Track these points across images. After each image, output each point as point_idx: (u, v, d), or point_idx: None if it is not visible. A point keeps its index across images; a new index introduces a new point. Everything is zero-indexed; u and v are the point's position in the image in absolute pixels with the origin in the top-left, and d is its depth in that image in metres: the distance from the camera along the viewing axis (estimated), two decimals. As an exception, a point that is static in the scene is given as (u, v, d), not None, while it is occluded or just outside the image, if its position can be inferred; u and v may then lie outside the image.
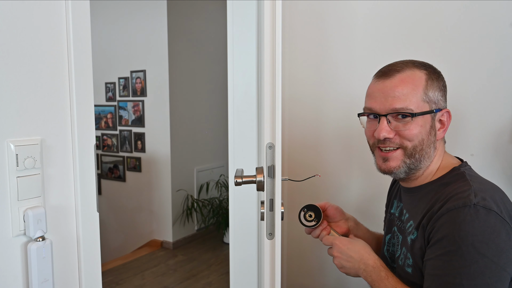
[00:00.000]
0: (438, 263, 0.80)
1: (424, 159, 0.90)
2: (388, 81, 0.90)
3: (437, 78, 0.91)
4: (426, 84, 0.89)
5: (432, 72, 0.91)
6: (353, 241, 0.99)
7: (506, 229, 0.76)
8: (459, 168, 0.89)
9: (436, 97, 0.90)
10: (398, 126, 0.89)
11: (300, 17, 1.64)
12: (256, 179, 0.95)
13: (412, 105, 0.88)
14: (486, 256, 0.75)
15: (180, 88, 3.92)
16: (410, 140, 0.89)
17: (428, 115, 0.89)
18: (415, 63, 0.92)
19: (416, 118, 0.88)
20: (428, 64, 0.94)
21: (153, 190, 4.04)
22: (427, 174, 0.93)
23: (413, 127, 0.88)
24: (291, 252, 1.75)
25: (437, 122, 0.91)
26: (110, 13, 4.08)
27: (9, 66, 0.76)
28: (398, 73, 0.90)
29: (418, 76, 0.89)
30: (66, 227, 0.86)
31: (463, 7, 1.32)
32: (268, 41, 0.87)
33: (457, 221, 0.78)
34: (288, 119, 1.68)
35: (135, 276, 3.35)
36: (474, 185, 0.82)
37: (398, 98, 0.88)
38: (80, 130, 0.86)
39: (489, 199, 0.78)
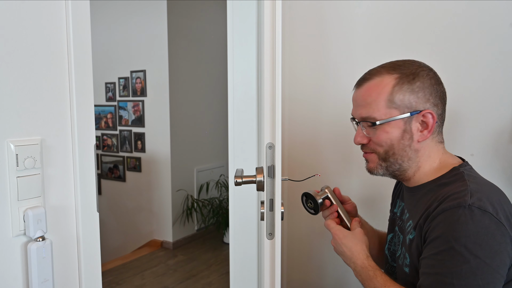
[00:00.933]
0: (431, 262, 0.81)
1: (402, 161, 0.91)
2: (358, 90, 0.95)
3: (412, 80, 0.88)
4: (392, 90, 0.89)
5: (406, 74, 0.89)
6: (350, 235, 0.99)
7: (501, 231, 0.76)
8: (459, 168, 0.89)
9: (407, 100, 0.88)
10: (369, 132, 0.93)
11: (300, 17, 1.64)
12: (256, 179, 0.95)
13: (375, 113, 0.90)
14: (478, 257, 0.75)
15: (180, 88, 3.92)
16: (380, 146, 0.92)
17: (399, 120, 0.89)
18: (390, 68, 0.92)
19: (381, 125, 0.90)
20: (408, 64, 0.92)
21: (153, 190, 4.04)
22: (424, 174, 0.93)
23: (379, 134, 0.91)
24: (291, 252, 1.75)
25: (417, 124, 0.89)
26: (110, 13, 4.08)
27: (9, 66, 0.76)
28: (366, 81, 0.93)
29: (385, 82, 0.90)
30: (66, 227, 0.86)
31: (463, 7, 1.32)
32: (268, 41, 0.87)
33: (451, 221, 0.78)
34: (288, 119, 1.68)
35: (135, 276, 3.35)
36: (471, 185, 0.82)
37: (363, 106, 0.93)
38: (80, 130, 0.86)
39: (485, 200, 0.78)
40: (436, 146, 0.93)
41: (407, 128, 0.90)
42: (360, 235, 1.00)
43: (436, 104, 0.90)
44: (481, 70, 1.31)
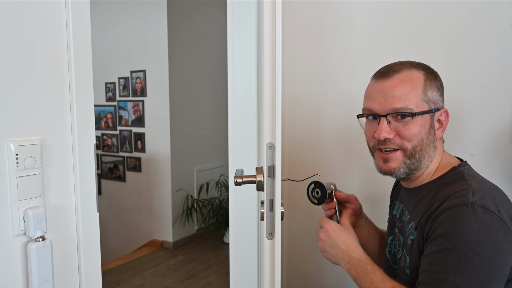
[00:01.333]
0: (433, 260, 0.80)
1: (424, 159, 0.91)
2: (387, 81, 0.90)
3: (435, 78, 0.92)
4: (425, 84, 0.89)
5: (430, 72, 0.92)
6: (343, 229, 0.98)
7: (503, 229, 0.76)
8: (458, 168, 0.89)
9: (434, 97, 0.90)
10: (398, 126, 0.89)
11: (300, 17, 1.64)
12: (256, 179, 0.95)
13: (412, 105, 0.88)
14: (481, 255, 0.75)
15: (180, 88, 3.92)
16: (410, 141, 0.89)
17: (427, 114, 0.89)
18: (412, 64, 0.93)
19: (416, 118, 0.88)
20: (425, 64, 0.95)
21: (153, 190, 4.04)
22: (426, 174, 0.93)
23: (413, 127, 0.88)
24: (291, 252, 1.75)
25: (436, 121, 0.92)
26: (110, 13, 4.08)
27: (9, 66, 0.76)
28: (396, 73, 0.90)
29: (417, 76, 0.90)
30: (66, 227, 0.86)
31: (463, 7, 1.32)
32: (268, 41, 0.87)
33: (454, 219, 0.78)
34: (288, 119, 1.68)
35: (135, 276, 3.35)
36: (472, 184, 0.82)
37: (397, 98, 0.88)
38: (80, 130, 0.86)
39: (487, 198, 0.78)
40: (441, 145, 0.95)
41: (432, 124, 0.91)
42: (352, 230, 1.00)
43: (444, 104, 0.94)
44: (481, 70, 1.31)
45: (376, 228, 1.18)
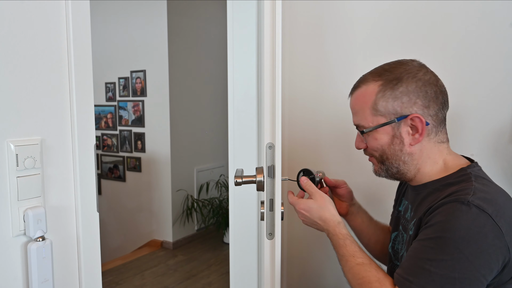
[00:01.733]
0: (417, 246, 0.82)
1: (398, 165, 0.92)
2: (351, 98, 0.98)
3: (394, 86, 0.88)
4: (375, 98, 0.90)
5: (390, 80, 0.89)
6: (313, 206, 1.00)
7: (495, 233, 0.75)
8: (466, 169, 0.88)
9: (391, 107, 0.89)
10: (362, 139, 0.96)
11: (300, 17, 1.64)
12: (256, 179, 0.95)
13: (363, 121, 0.93)
14: (462, 252, 0.75)
15: (180, 88, 3.92)
16: (374, 151, 0.95)
17: (387, 126, 0.90)
18: (376, 74, 0.92)
19: (370, 133, 0.92)
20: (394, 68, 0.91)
21: (153, 190, 4.04)
22: (426, 174, 0.92)
23: (370, 140, 0.94)
24: (291, 252, 1.75)
25: (407, 128, 0.89)
26: (110, 13, 4.08)
27: (9, 66, 0.76)
28: (355, 90, 0.96)
29: (370, 90, 0.91)
30: (66, 227, 0.86)
31: (463, 7, 1.32)
32: (268, 41, 0.87)
33: (447, 213, 0.79)
34: (288, 119, 1.68)
35: (135, 276, 3.35)
36: (476, 185, 0.82)
37: (354, 114, 0.97)
38: (80, 130, 0.86)
39: (486, 200, 0.78)
40: (437, 147, 0.92)
41: (396, 134, 0.90)
42: (321, 200, 1.00)
43: (426, 105, 0.88)
44: (481, 70, 1.31)
45: (370, 218, 1.19)
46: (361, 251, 0.92)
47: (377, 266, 0.88)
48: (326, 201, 1.00)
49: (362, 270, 0.87)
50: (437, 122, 0.91)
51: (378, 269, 0.87)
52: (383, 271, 0.87)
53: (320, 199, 1.00)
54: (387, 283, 0.83)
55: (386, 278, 0.84)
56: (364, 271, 0.87)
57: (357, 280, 0.87)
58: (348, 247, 0.92)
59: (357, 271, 0.88)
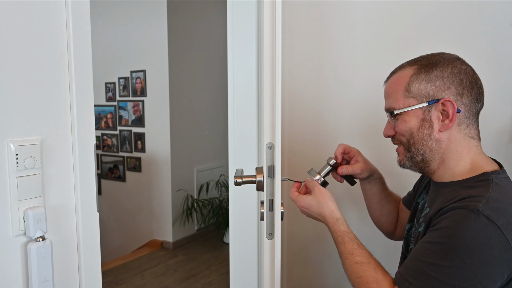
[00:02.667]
0: (420, 247, 0.81)
1: (424, 151, 0.90)
2: (385, 84, 0.98)
3: (429, 69, 0.89)
4: (409, 80, 0.90)
5: (425, 64, 0.90)
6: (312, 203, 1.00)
7: (502, 246, 0.74)
8: (489, 174, 0.85)
9: (424, 89, 0.88)
10: (392, 123, 0.96)
11: (300, 16, 1.64)
12: (256, 179, 0.95)
13: (394, 104, 0.93)
14: (464, 261, 0.74)
15: (180, 88, 3.92)
16: (402, 135, 0.93)
17: (418, 109, 0.89)
18: (413, 60, 0.94)
19: (400, 115, 0.92)
20: (432, 56, 0.92)
21: (153, 190, 4.04)
22: (450, 169, 0.90)
23: (399, 124, 0.93)
24: (291, 252, 1.75)
25: (438, 113, 0.88)
26: (110, 13, 4.08)
27: (9, 66, 0.76)
28: (391, 76, 0.96)
29: (405, 74, 0.92)
30: (66, 227, 0.86)
31: (463, 7, 1.32)
32: (268, 41, 0.87)
33: (455, 219, 0.77)
34: (288, 119, 1.68)
35: (135, 276, 3.35)
36: (492, 193, 0.79)
37: (386, 99, 0.97)
38: (80, 130, 0.86)
39: (498, 212, 0.75)
40: (466, 141, 0.89)
41: (426, 117, 0.89)
42: (320, 196, 1.00)
43: (459, 93, 0.87)
44: (481, 70, 1.30)
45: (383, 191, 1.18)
46: (360, 248, 0.91)
47: (376, 265, 0.87)
48: (325, 197, 1.00)
49: (360, 270, 0.87)
50: (470, 113, 0.88)
51: (377, 268, 0.87)
52: (382, 270, 0.87)
53: (319, 195, 1.00)
54: (385, 284, 0.83)
55: (385, 279, 0.84)
56: (362, 270, 0.87)
57: (355, 279, 0.87)
58: (346, 245, 0.92)
59: (355, 269, 0.88)
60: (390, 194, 1.20)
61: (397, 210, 1.21)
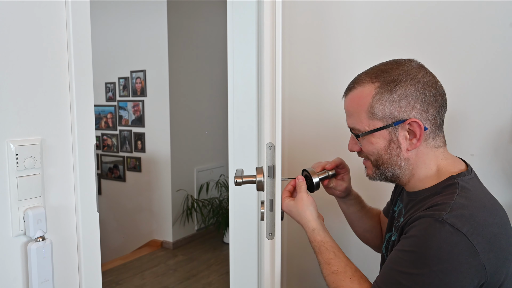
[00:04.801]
0: (393, 255, 0.83)
1: (393, 170, 0.90)
2: (345, 99, 0.94)
3: (392, 89, 0.84)
4: (372, 101, 0.86)
5: (387, 82, 0.85)
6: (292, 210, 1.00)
7: (469, 252, 0.74)
8: (455, 178, 0.85)
9: (388, 111, 0.85)
10: (357, 142, 0.93)
11: (300, 16, 1.64)
12: (256, 179, 0.95)
13: (358, 125, 0.89)
14: (432, 270, 0.75)
15: (180, 88, 3.92)
16: (369, 155, 0.92)
17: (384, 130, 0.87)
18: (372, 75, 0.88)
19: (366, 136, 0.89)
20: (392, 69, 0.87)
21: (153, 190, 4.04)
22: (419, 181, 0.90)
23: (365, 144, 0.91)
24: (291, 252, 1.75)
25: (404, 132, 0.86)
26: (110, 13, 4.08)
27: (9, 66, 0.76)
28: (350, 91, 0.92)
29: (366, 93, 0.87)
30: (66, 227, 0.86)
31: (463, 7, 1.32)
32: (268, 41, 0.87)
33: (421, 228, 0.78)
34: (288, 119, 1.68)
35: (135, 276, 3.35)
36: (457, 199, 0.79)
37: (349, 116, 0.93)
38: (80, 130, 0.86)
39: (463, 219, 0.76)
40: (433, 152, 0.88)
41: (393, 138, 0.87)
42: (300, 203, 0.99)
43: (424, 109, 0.84)
44: (481, 70, 1.31)
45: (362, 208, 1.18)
46: (336, 257, 0.91)
47: (352, 274, 0.88)
48: (304, 206, 0.98)
49: (336, 280, 0.89)
50: (435, 126, 0.87)
51: (353, 277, 0.88)
52: (358, 278, 0.88)
53: (299, 203, 0.99)
54: None
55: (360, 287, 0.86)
56: (338, 280, 0.88)
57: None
58: (323, 254, 0.93)
59: (332, 279, 0.90)
60: (369, 211, 1.20)
61: (379, 224, 1.21)
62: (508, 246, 0.79)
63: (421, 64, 0.90)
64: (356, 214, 1.17)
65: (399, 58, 0.92)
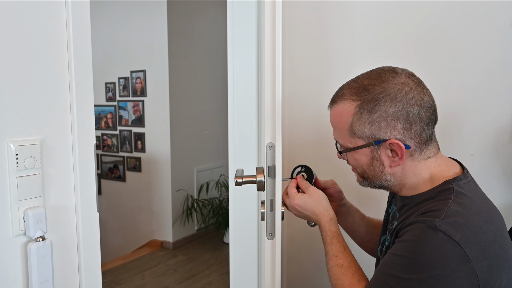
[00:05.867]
0: (387, 259, 0.83)
1: (380, 182, 0.89)
2: (329, 111, 0.94)
3: (372, 109, 0.82)
4: (352, 121, 0.85)
5: (367, 102, 0.83)
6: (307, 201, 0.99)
7: (461, 260, 0.74)
8: (450, 183, 0.84)
9: (368, 131, 0.83)
10: (342, 156, 0.94)
11: (300, 16, 1.64)
12: (256, 179, 0.95)
13: (341, 140, 0.90)
14: (423, 276, 0.75)
15: (180, 88, 3.92)
16: (355, 167, 0.92)
17: (366, 148, 0.86)
18: (354, 91, 0.86)
19: (349, 153, 0.90)
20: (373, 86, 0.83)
21: (153, 190, 4.04)
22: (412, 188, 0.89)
23: (349, 159, 0.92)
24: (291, 252, 1.75)
25: (387, 151, 0.84)
26: (110, 13, 4.08)
27: (9, 66, 0.76)
28: (333, 105, 0.91)
29: (346, 111, 0.86)
30: (66, 227, 0.86)
31: (463, 7, 1.32)
32: (268, 41, 0.87)
33: (414, 234, 0.78)
34: (288, 119, 1.68)
35: (135, 276, 3.35)
36: (451, 205, 0.78)
37: (334, 130, 0.94)
38: (80, 130, 0.86)
39: (457, 226, 0.75)
40: (422, 163, 0.86)
41: (376, 156, 0.86)
42: (315, 194, 1.00)
43: (407, 128, 0.82)
44: (481, 70, 1.31)
45: (362, 216, 1.18)
46: (345, 252, 0.92)
47: (355, 270, 0.89)
48: (320, 196, 1.00)
49: (339, 273, 0.90)
50: (421, 142, 0.84)
51: (355, 273, 0.89)
52: (359, 276, 0.89)
53: (314, 194, 1.00)
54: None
55: (359, 284, 0.87)
56: (341, 273, 0.89)
57: (334, 281, 0.90)
58: (333, 246, 0.93)
59: (335, 272, 0.90)
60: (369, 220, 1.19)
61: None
62: (503, 253, 0.78)
63: (409, 75, 0.85)
64: (357, 223, 1.16)
65: (387, 66, 0.87)
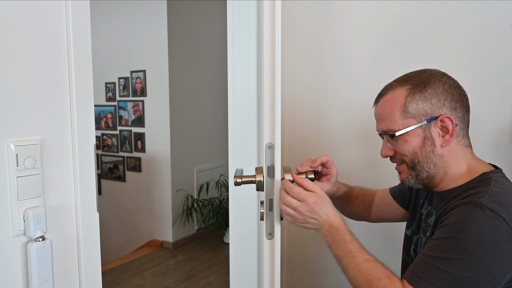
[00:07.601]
0: (430, 245, 0.84)
1: (428, 168, 0.93)
2: (376, 106, 0.99)
3: (423, 88, 0.91)
4: (405, 101, 0.92)
5: (417, 84, 0.92)
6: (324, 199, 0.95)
7: (509, 236, 0.76)
8: (488, 174, 0.89)
9: (422, 108, 0.91)
10: (392, 144, 0.96)
11: (300, 17, 1.64)
12: (255, 179, 0.95)
13: (393, 125, 0.93)
14: (473, 253, 0.76)
15: (180, 88, 3.92)
16: (405, 155, 0.94)
17: (418, 128, 0.91)
18: (402, 80, 0.95)
19: (401, 136, 0.93)
20: (419, 74, 0.94)
21: (153, 190, 4.04)
22: (451, 179, 0.93)
23: (400, 144, 0.94)
24: (291, 252, 1.75)
25: (437, 129, 0.91)
26: (110, 13, 4.08)
27: (9, 66, 0.76)
28: (382, 97, 0.97)
29: (398, 95, 0.93)
30: (66, 227, 0.86)
31: (463, 7, 1.32)
32: (268, 41, 0.87)
33: (460, 215, 0.81)
34: (288, 119, 1.69)
35: (135, 276, 3.35)
36: (493, 188, 0.83)
37: (382, 121, 0.97)
38: (80, 130, 0.86)
39: (502, 204, 0.79)
40: (463, 150, 0.93)
41: (427, 135, 0.91)
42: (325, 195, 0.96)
43: (454, 107, 0.91)
44: (481, 70, 1.31)
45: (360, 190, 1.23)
46: (365, 248, 0.92)
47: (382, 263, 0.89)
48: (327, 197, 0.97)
49: (370, 267, 0.87)
50: (464, 124, 0.93)
51: (385, 266, 0.89)
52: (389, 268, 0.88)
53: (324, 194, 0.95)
54: (396, 279, 0.84)
55: (394, 275, 0.86)
56: (373, 267, 0.87)
57: (366, 276, 0.86)
58: (355, 243, 0.91)
59: (365, 267, 0.87)
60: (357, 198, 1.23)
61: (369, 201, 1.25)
62: None
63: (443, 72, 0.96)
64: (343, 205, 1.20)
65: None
